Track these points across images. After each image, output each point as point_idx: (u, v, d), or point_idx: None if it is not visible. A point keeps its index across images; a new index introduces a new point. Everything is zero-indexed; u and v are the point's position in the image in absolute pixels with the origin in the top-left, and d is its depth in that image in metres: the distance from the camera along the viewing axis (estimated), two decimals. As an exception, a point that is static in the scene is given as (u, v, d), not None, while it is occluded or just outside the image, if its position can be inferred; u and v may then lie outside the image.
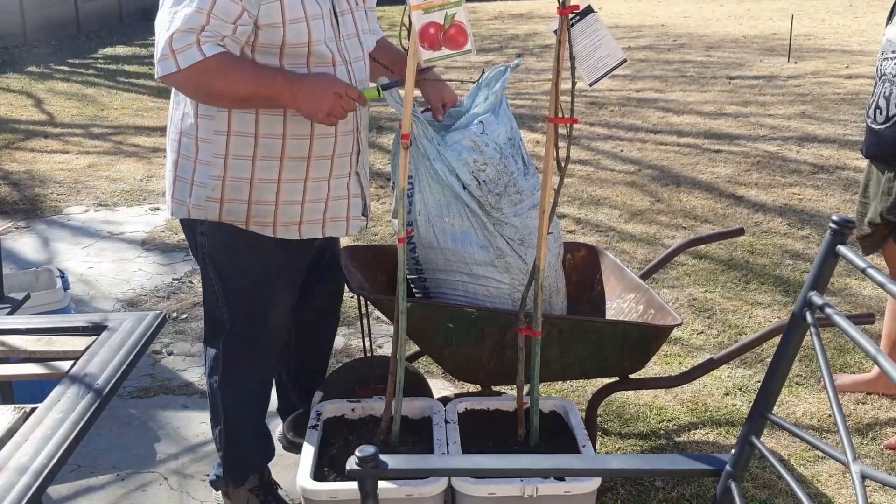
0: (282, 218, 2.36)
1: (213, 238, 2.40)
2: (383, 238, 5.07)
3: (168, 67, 2.11)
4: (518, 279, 2.57)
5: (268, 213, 2.35)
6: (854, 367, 3.54)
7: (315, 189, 2.38)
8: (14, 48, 13.35)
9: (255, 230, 2.36)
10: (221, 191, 2.31)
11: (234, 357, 2.50)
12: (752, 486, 2.78)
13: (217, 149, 2.29)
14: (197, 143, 2.31)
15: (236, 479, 2.61)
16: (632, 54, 11.69)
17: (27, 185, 6.25)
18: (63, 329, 1.93)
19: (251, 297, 2.44)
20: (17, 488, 1.28)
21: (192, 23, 2.09)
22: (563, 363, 2.58)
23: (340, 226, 2.48)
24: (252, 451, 2.62)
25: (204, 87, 2.16)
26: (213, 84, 2.14)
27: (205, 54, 2.10)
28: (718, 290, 4.29)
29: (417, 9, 2.09)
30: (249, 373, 2.53)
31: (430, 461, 2.00)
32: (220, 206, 2.33)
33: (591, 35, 2.13)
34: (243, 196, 2.32)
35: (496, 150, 2.47)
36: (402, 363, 2.37)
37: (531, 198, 2.56)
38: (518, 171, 2.53)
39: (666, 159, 6.74)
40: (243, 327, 2.47)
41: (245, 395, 2.56)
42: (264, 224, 2.36)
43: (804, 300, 1.52)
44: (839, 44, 12.50)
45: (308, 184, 2.36)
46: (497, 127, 2.50)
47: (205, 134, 2.29)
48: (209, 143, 2.29)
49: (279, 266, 2.45)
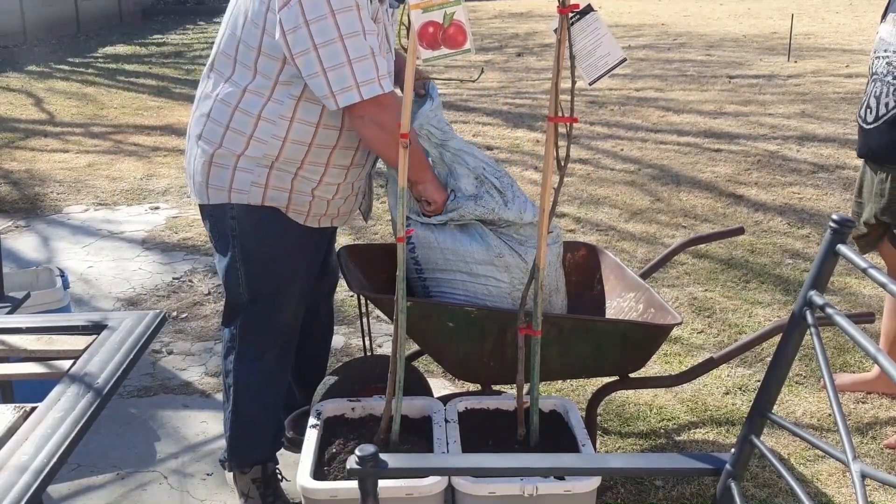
0: (314, 209, 2.50)
1: (244, 222, 2.48)
2: (383, 237, 5.07)
3: (376, 89, 2.24)
4: (518, 278, 2.57)
5: (305, 202, 2.47)
6: (854, 367, 3.55)
7: (345, 189, 2.54)
8: (14, 47, 13.35)
9: (292, 216, 2.48)
10: (267, 178, 2.41)
11: (250, 338, 2.57)
12: (752, 485, 2.78)
13: (278, 130, 2.36)
14: (257, 121, 2.36)
15: (241, 465, 2.64)
16: (632, 53, 11.69)
17: (27, 185, 6.25)
18: (63, 328, 1.93)
19: (273, 280, 2.53)
20: (18, 487, 1.28)
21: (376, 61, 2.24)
22: (563, 362, 2.58)
23: (345, 218, 2.66)
24: (258, 439, 2.64)
25: (392, 120, 2.25)
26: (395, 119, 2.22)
27: (384, 90, 2.26)
28: (718, 289, 4.29)
29: (416, 8, 2.09)
30: (263, 356, 2.58)
31: (430, 460, 2.00)
32: (265, 192, 2.42)
33: (591, 34, 2.13)
34: (285, 185, 2.43)
35: (469, 200, 2.53)
36: (402, 362, 2.37)
37: (520, 222, 2.57)
38: (497, 204, 2.54)
39: (666, 158, 6.74)
40: (261, 309, 2.54)
41: (257, 380, 2.59)
42: (299, 212, 2.49)
43: (804, 299, 1.52)
44: (839, 43, 12.50)
45: (342, 186, 2.52)
46: (459, 181, 2.54)
47: (269, 114, 2.35)
48: (273, 123, 2.36)
49: (301, 251, 2.55)
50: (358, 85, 2.21)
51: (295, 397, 2.91)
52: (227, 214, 2.48)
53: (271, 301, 2.54)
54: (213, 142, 2.41)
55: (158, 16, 18.51)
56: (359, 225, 5.27)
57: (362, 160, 2.52)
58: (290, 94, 2.33)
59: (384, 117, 2.28)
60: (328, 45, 2.18)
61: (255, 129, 2.36)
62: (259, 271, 2.52)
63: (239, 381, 2.58)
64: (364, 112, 2.28)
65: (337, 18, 2.16)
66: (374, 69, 2.23)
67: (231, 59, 2.37)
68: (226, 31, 2.41)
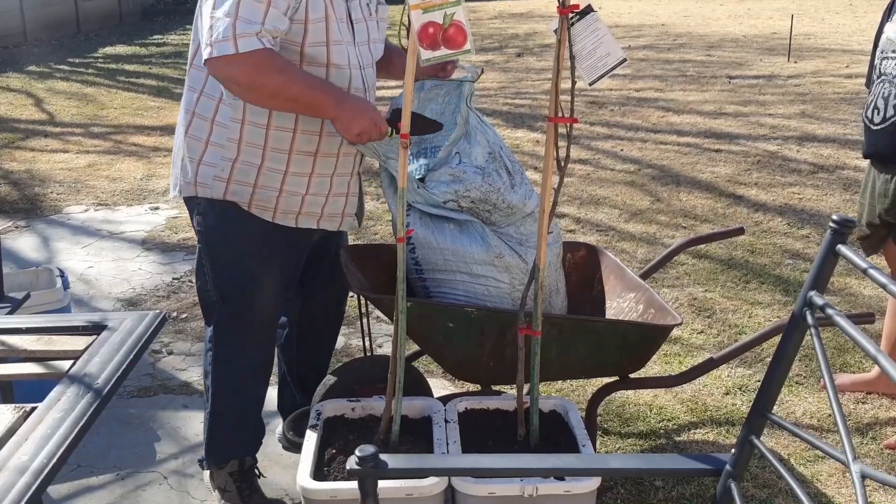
0: (283, 205, 2.44)
1: (208, 217, 2.46)
2: (383, 237, 5.06)
3: (225, 49, 2.11)
4: (518, 278, 2.57)
5: (270, 198, 2.42)
6: (854, 367, 3.54)
7: (319, 184, 2.47)
8: (14, 47, 13.36)
9: (256, 213, 2.43)
10: (230, 171, 2.38)
11: (223, 337, 2.55)
12: (752, 485, 2.78)
13: (231, 133, 2.36)
14: (212, 126, 2.37)
15: (217, 462, 2.63)
16: (632, 54, 11.69)
17: (27, 185, 6.24)
18: (63, 328, 1.93)
19: (240, 278, 2.49)
20: (17, 487, 1.28)
21: (253, 14, 2.13)
22: (563, 363, 2.58)
23: (335, 221, 2.59)
24: (235, 436, 2.63)
25: (257, 78, 2.16)
26: (267, 77, 2.16)
27: (264, 45, 2.13)
28: (718, 289, 4.29)
29: (416, 8, 2.09)
30: (238, 355, 2.56)
31: (430, 461, 2.00)
32: (227, 186, 2.40)
33: (591, 34, 2.13)
34: (250, 179, 2.39)
35: (477, 173, 2.49)
36: (402, 363, 2.37)
37: (522, 210, 2.57)
38: (504, 185, 2.52)
39: (666, 159, 6.74)
40: (230, 307, 2.51)
41: (232, 378, 2.57)
42: (265, 208, 2.43)
43: (804, 300, 1.52)
44: (839, 43, 12.50)
45: (313, 178, 2.45)
46: (473, 148, 2.51)
47: (222, 119, 2.36)
48: (224, 128, 2.36)
49: (272, 250, 2.50)
50: (232, 38, 2.11)
51: (295, 399, 2.91)
52: (194, 209, 2.49)
53: (241, 300, 2.51)
54: (185, 129, 2.43)
55: (158, 16, 18.50)
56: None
57: (331, 149, 2.45)
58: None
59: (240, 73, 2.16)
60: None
61: (216, 113, 2.36)
62: (225, 269, 2.49)
63: (216, 380, 2.56)
64: (216, 72, 2.20)
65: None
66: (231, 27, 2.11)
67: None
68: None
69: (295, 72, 2.23)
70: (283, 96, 2.21)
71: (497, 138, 2.58)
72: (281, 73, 2.17)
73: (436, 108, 2.64)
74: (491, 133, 2.57)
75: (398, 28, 2.18)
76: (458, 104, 2.55)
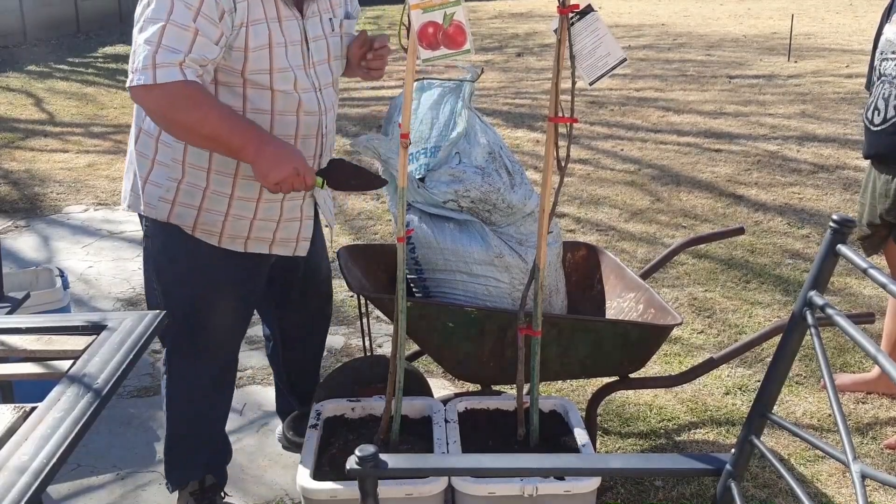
0: (229, 230, 2.33)
1: (155, 238, 2.37)
2: (383, 237, 5.06)
3: (145, 78, 2.00)
4: (518, 278, 2.57)
5: (216, 222, 2.31)
6: (854, 367, 3.54)
7: (267, 209, 2.35)
8: (14, 47, 13.35)
9: (201, 237, 2.32)
10: (175, 193, 2.27)
11: (176, 359, 2.47)
12: (752, 485, 2.78)
13: (176, 154, 2.26)
14: (157, 144, 2.28)
15: (177, 483, 2.58)
16: (632, 53, 11.69)
17: (27, 185, 6.24)
18: (63, 328, 1.92)
19: (189, 301, 2.38)
20: (17, 487, 1.28)
21: (178, 42, 2.02)
22: (563, 363, 2.58)
23: (289, 246, 2.45)
24: (191, 458, 2.56)
25: (172, 112, 2.06)
26: (184, 112, 2.05)
27: (185, 77, 2.02)
28: (718, 289, 4.29)
29: (416, 8, 2.09)
30: (192, 377, 2.47)
31: (430, 460, 2.00)
32: (171, 208, 2.29)
33: (591, 34, 2.13)
34: (195, 202, 2.28)
35: (476, 173, 2.48)
36: (402, 363, 2.37)
37: (522, 210, 2.57)
38: (504, 185, 2.52)
39: (666, 158, 6.74)
40: (181, 331, 2.40)
41: (186, 400, 2.50)
42: (210, 233, 2.32)
43: (804, 300, 1.52)
44: (839, 43, 12.50)
45: (261, 203, 2.33)
46: (473, 148, 2.51)
47: (165, 137, 2.24)
48: (169, 147, 2.26)
49: (221, 275, 2.39)
50: (151, 68, 2.00)
51: (292, 405, 2.89)
52: (142, 227, 2.40)
53: (193, 324, 2.39)
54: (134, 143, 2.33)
55: (158, 16, 18.47)
56: (358, 225, 5.27)
57: None
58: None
59: (153, 103, 2.06)
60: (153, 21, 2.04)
61: (160, 131, 2.24)
62: (174, 293, 2.38)
63: (170, 401, 2.50)
64: (138, 100, 2.10)
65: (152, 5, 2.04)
66: (151, 56, 2.00)
67: None
68: None
69: (212, 108, 2.08)
70: (198, 133, 2.09)
71: (497, 138, 2.58)
72: (197, 109, 2.04)
73: (436, 108, 2.64)
74: (491, 133, 2.57)
75: (398, 28, 2.18)
76: (457, 104, 2.55)
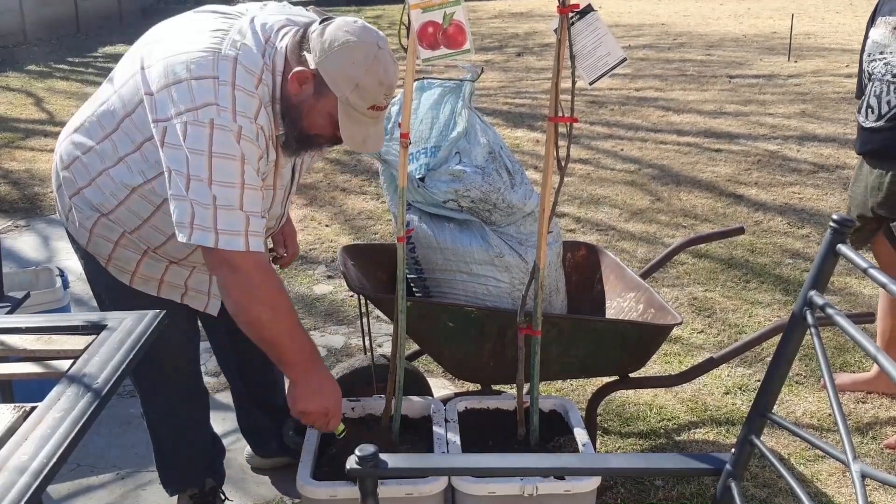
0: (142, 270, 2.24)
1: (86, 264, 2.31)
2: (383, 237, 5.06)
3: (235, 245, 1.91)
4: (518, 278, 2.57)
5: (130, 260, 2.22)
6: (854, 367, 3.54)
7: (176, 271, 2.27)
8: (14, 47, 13.35)
9: (113, 273, 2.24)
10: (94, 223, 2.19)
11: (141, 384, 2.46)
12: (752, 484, 2.78)
13: (107, 204, 2.15)
14: (91, 186, 2.15)
15: (175, 490, 2.59)
16: (632, 53, 11.68)
17: (27, 184, 6.24)
18: (62, 328, 1.92)
19: None
20: (17, 487, 1.28)
21: (257, 205, 1.94)
22: (563, 362, 2.58)
23: (201, 300, 2.36)
24: (185, 468, 2.57)
25: (248, 297, 1.99)
26: (259, 305, 1.99)
27: (250, 248, 1.94)
28: (718, 289, 4.29)
29: (416, 7, 2.09)
30: (161, 397, 2.46)
31: (430, 460, 2.00)
32: (89, 237, 2.22)
33: (591, 34, 2.13)
34: (113, 236, 2.19)
35: (477, 173, 2.49)
36: (402, 363, 2.37)
37: (522, 209, 2.57)
38: (504, 185, 2.53)
39: (666, 158, 6.74)
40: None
41: (163, 416, 2.49)
42: (123, 270, 2.24)
43: (804, 299, 1.52)
44: (839, 42, 12.50)
45: (171, 266, 2.26)
46: (473, 148, 2.51)
47: (105, 187, 2.12)
48: (103, 197, 2.14)
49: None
50: (217, 230, 1.91)
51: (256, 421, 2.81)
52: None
53: None
54: (65, 163, 2.21)
55: (158, 16, 18.50)
56: (358, 224, 5.27)
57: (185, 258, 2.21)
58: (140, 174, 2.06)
59: (233, 280, 1.98)
60: (199, 181, 1.90)
61: (100, 176, 2.11)
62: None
63: (149, 421, 2.51)
64: (213, 264, 2.00)
65: (213, 162, 1.89)
66: (242, 222, 1.93)
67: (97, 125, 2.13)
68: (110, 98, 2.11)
69: (286, 315, 2.03)
70: (258, 330, 2.04)
71: (497, 138, 2.58)
72: (272, 309, 2.00)
73: (436, 107, 2.64)
74: (491, 133, 2.57)
75: (398, 28, 2.18)
76: (457, 104, 2.55)
